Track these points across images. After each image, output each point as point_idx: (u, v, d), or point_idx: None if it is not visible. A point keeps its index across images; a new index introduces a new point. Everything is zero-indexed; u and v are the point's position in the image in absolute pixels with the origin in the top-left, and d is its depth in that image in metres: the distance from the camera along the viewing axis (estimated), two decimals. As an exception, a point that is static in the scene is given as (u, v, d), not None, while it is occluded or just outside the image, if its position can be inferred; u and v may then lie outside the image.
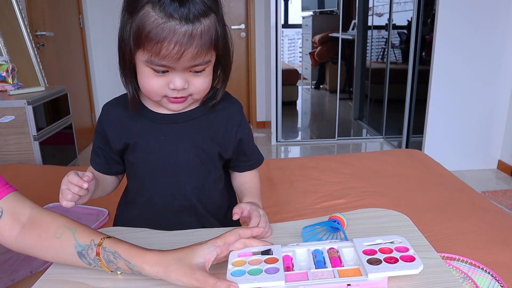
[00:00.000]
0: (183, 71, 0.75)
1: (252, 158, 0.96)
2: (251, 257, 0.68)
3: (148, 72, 0.75)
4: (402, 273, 0.62)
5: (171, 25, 0.68)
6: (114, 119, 0.88)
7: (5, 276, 1.14)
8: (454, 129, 3.09)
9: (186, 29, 0.69)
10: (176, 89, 0.76)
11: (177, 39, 0.69)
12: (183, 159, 0.86)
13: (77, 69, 3.74)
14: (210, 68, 0.79)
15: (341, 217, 0.83)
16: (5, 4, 2.59)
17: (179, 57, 0.70)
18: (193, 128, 0.86)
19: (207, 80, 0.80)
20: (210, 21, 0.72)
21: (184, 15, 0.68)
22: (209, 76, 0.80)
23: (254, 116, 4.52)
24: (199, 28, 0.70)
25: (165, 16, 0.68)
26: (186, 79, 0.76)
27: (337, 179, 1.74)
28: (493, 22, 2.88)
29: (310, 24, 4.35)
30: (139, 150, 0.86)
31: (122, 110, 0.87)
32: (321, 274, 0.63)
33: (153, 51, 0.70)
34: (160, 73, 0.75)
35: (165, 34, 0.68)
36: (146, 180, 0.89)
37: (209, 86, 0.82)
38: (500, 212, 1.46)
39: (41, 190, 1.55)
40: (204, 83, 0.79)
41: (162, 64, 0.72)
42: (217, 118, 0.88)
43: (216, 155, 0.89)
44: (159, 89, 0.77)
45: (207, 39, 0.72)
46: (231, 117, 0.90)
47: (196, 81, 0.78)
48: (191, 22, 0.69)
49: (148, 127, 0.86)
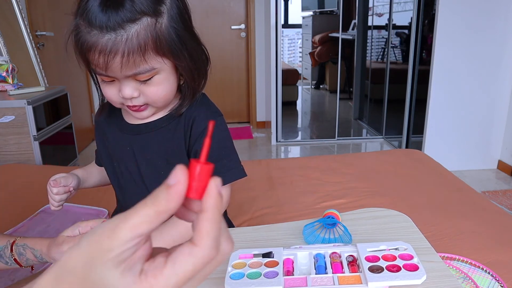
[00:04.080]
0: (128, 80, 0.71)
1: None
2: (251, 259, 0.68)
3: (100, 80, 0.75)
4: (404, 283, 0.60)
5: (94, 34, 0.66)
6: (98, 126, 0.91)
7: (5, 276, 1.14)
8: (454, 129, 3.09)
9: (107, 38, 0.66)
10: (125, 97, 0.73)
11: (100, 48, 0.66)
12: (149, 171, 0.84)
13: (77, 69, 3.71)
14: (162, 75, 0.73)
15: (335, 212, 0.84)
16: (5, 4, 2.59)
17: (105, 66, 0.68)
18: (156, 139, 0.83)
19: (160, 88, 0.74)
20: (141, 26, 0.66)
21: (103, 24, 0.65)
22: (162, 83, 0.74)
23: (254, 116, 4.52)
24: (124, 36, 0.66)
25: (89, 26, 0.66)
26: (135, 88, 0.72)
27: (337, 179, 1.74)
28: (493, 21, 2.88)
29: (310, 24, 4.35)
30: (114, 159, 0.88)
31: (104, 117, 0.90)
32: (321, 280, 0.62)
33: (89, 61, 0.70)
34: (108, 80, 0.73)
35: (90, 44, 0.67)
36: (119, 190, 0.91)
37: (166, 93, 0.76)
38: (500, 212, 1.46)
39: (41, 190, 1.55)
40: (156, 91, 0.74)
41: (99, 73, 0.71)
42: (180, 126, 0.82)
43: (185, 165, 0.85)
44: (113, 97, 0.75)
45: (135, 48, 0.66)
46: (194, 123, 0.82)
47: (146, 90, 0.73)
48: (113, 31, 0.65)
49: (118, 137, 0.86)
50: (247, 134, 4.24)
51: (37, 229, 1.41)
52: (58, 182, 0.85)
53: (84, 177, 0.95)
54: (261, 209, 1.50)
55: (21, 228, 1.41)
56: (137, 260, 0.30)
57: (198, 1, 4.18)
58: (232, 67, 4.43)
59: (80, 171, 0.96)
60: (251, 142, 4.04)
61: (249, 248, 0.71)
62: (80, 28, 0.68)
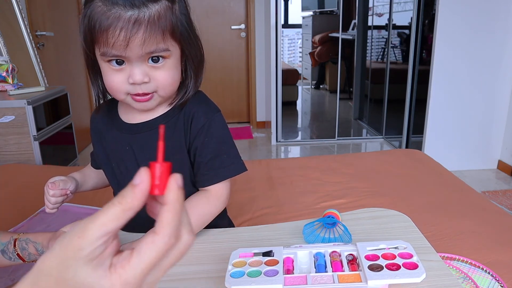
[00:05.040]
0: (140, 62, 0.72)
1: (206, 173, 0.83)
2: (252, 258, 0.68)
3: (107, 68, 0.74)
4: (403, 281, 0.60)
5: (116, 11, 0.67)
6: (94, 127, 0.90)
7: (5, 276, 1.14)
8: (454, 129, 3.09)
9: (131, 14, 0.67)
10: (135, 82, 0.73)
11: (122, 24, 0.67)
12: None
13: (77, 69, 3.73)
14: (172, 61, 0.75)
15: (334, 212, 0.84)
16: (5, 4, 2.59)
17: (126, 43, 0.68)
18: (156, 137, 0.82)
19: (170, 74, 0.75)
20: (161, 7, 0.69)
21: (128, 1, 0.67)
22: (172, 70, 0.76)
23: (254, 116, 4.52)
24: (146, 13, 0.68)
25: (110, 4, 0.67)
26: (145, 72, 0.73)
27: (337, 179, 1.74)
28: (493, 21, 2.88)
29: (310, 24, 4.35)
30: (112, 160, 0.87)
31: (101, 118, 0.89)
32: (321, 279, 0.63)
33: (103, 41, 0.69)
34: (117, 67, 0.73)
35: (110, 21, 0.67)
36: (118, 190, 0.90)
37: (174, 81, 0.77)
38: (500, 212, 1.46)
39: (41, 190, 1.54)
40: (166, 76, 0.75)
41: (114, 54, 0.70)
42: (179, 123, 0.82)
43: (185, 162, 0.84)
44: (120, 86, 0.75)
45: (156, 25, 0.69)
46: (193, 120, 0.82)
47: (157, 74, 0.74)
48: (137, 7, 0.67)
49: (117, 137, 0.86)
50: (247, 134, 4.24)
51: (37, 229, 1.41)
52: (57, 184, 0.85)
53: (82, 181, 0.95)
54: (261, 209, 1.50)
55: (21, 228, 1.41)
56: (107, 256, 0.34)
57: (198, 1, 4.18)
58: (232, 67, 4.43)
59: (78, 174, 0.96)
60: (251, 142, 4.04)
61: (249, 247, 0.71)
62: (97, 9, 0.68)
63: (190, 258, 0.78)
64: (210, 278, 0.71)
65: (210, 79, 4.27)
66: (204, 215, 0.83)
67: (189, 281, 0.71)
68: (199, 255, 0.79)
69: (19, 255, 0.80)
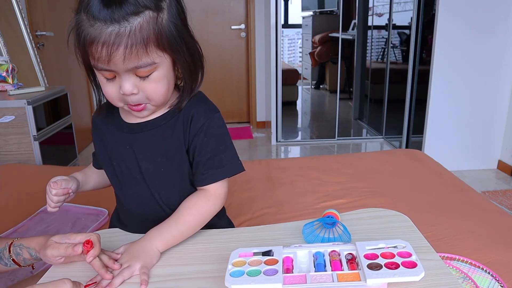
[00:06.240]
0: (128, 75, 0.72)
1: (204, 173, 0.84)
2: (251, 257, 0.68)
3: (101, 78, 0.75)
4: (402, 280, 0.61)
5: (98, 26, 0.67)
6: (95, 127, 0.91)
7: (5, 276, 1.14)
8: (454, 129, 3.09)
9: (111, 29, 0.67)
10: (125, 94, 0.73)
11: (104, 40, 0.67)
12: (150, 169, 0.85)
13: (77, 69, 3.71)
14: (160, 72, 0.74)
15: (334, 212, 0.84)
16: (5, 4, 2.59)
17: (108, 59, 0.68)
18: (156, 137, 0.83)
19: (158, 86, 0.75)
20: (143, 19, 0.68)
21: (108, 16, 0.66)
22: (161, 81, 0.75)
23: (254, 116, 4.52)
24: (127, 28, 0.67)
25: (92, 19, 0.67)
26: (134, 84, 0.73)
27: (337, 179, 1.74)
28: (493, 21, 2.88)
29: (310, 24, 4.35)
30: (113, 159, 0.88)
31: (102, 118, 0.90)
32: (320, 278, 0.63)
33: (91, 54, 0.70)
34: (109, 77, 0.73)
35: (93, 36, 0.68)
36: (119, 190, 0.91)
37: (164, 91, 0.77)
38: (500, 212, 1.46)
39: (41, 190, 1.54)
40: (154, 88, 0.75)
41: (101, 67, 0.71)
42: (179, 123, 0.83)
43: (184, 161, 0.85)
44: (114, 96, 0.76)
45: (138, 39, 0.68)
46: (192, 120, 0.83)
47: (145, 86, 0.74)
48: (117, 22, 0.66)
49: (117, 137, 0.86)
50: (247, 134, 4.25)
51: (37, 229, 1.41)
52: (59, 184, 0.85)
53: (83, 181, 0.95)
54: (261, 209, 1.50)
55: (21, 228, 1.41)
56: None
57: (198, 1, 4.18)
58: (232, 67, 4.43)
59: (80, 174, 0.96)
60: (251, 142, 4.04)
61: (249, 247, 0.71)
62: (82, 22, 0.69)
63: (190, 258, 0.78)
64: (210, 278, 0.71)
65: (210, 79, 4.27)
66: (203, 213, 0.83)
67: (189, 281, 0.71)
68: (199, 255, 0.79)
69: (15, 260, 0.82)
